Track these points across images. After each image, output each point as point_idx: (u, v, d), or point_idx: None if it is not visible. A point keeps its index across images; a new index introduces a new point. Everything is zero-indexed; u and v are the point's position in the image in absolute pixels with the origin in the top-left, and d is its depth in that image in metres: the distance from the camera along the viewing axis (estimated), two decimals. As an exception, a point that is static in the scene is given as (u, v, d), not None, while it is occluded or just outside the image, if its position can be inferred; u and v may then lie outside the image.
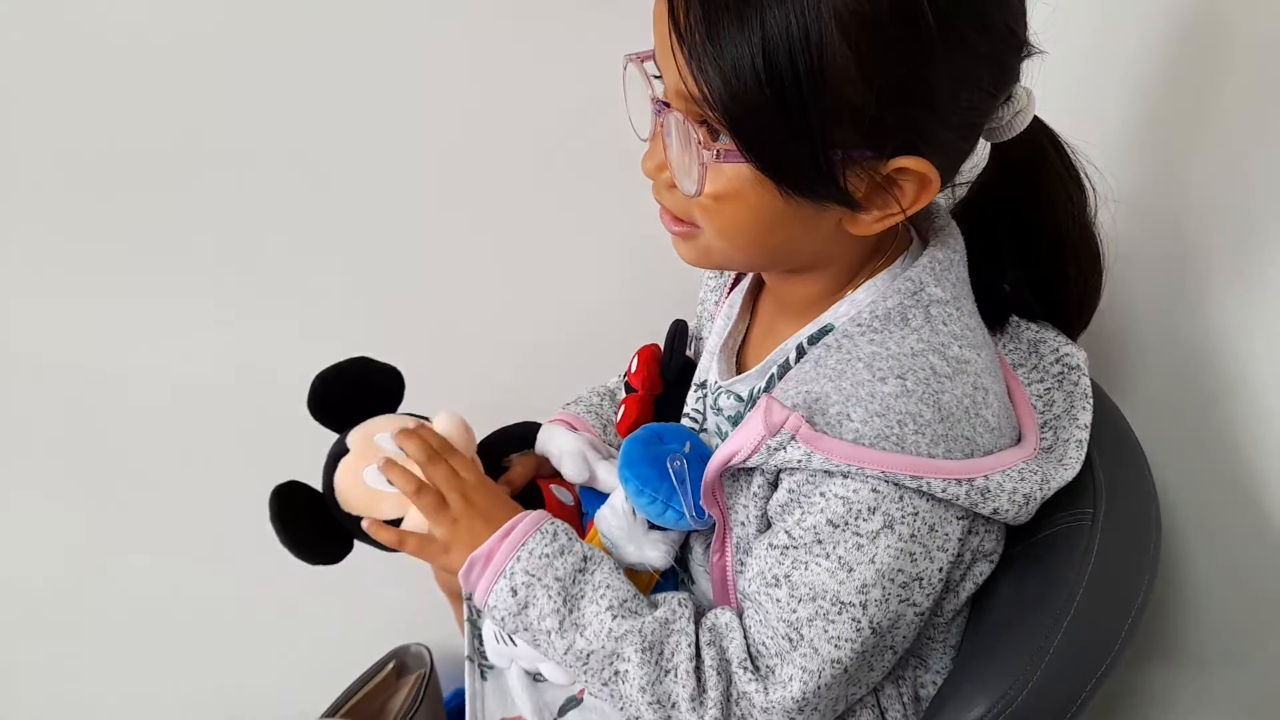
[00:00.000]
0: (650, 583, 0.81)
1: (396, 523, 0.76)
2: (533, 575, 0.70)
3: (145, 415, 1.23)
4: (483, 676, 0.88)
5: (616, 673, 0.68)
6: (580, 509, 0.88)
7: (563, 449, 0.85)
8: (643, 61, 0.66)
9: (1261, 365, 0.71)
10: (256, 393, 1.23)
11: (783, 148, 0.58)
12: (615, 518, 0.77)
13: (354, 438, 0.78)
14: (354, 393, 0.80)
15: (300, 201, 1.14)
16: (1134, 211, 0.79)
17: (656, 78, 0.65)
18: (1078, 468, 0.67)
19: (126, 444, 1.25)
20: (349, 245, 1.18)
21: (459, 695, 1.03)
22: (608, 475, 0.84)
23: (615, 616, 0.69)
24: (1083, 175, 0.72)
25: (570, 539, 0.73)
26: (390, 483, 0.75)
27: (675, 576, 0.85)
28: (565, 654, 0.69)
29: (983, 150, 0.70)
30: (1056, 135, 0.71)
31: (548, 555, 0.71)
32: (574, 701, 0.82)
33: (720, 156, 0.60)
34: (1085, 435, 0.69)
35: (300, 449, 0.77)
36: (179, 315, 1.19)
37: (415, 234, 1.18)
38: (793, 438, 0.62)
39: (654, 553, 0.77)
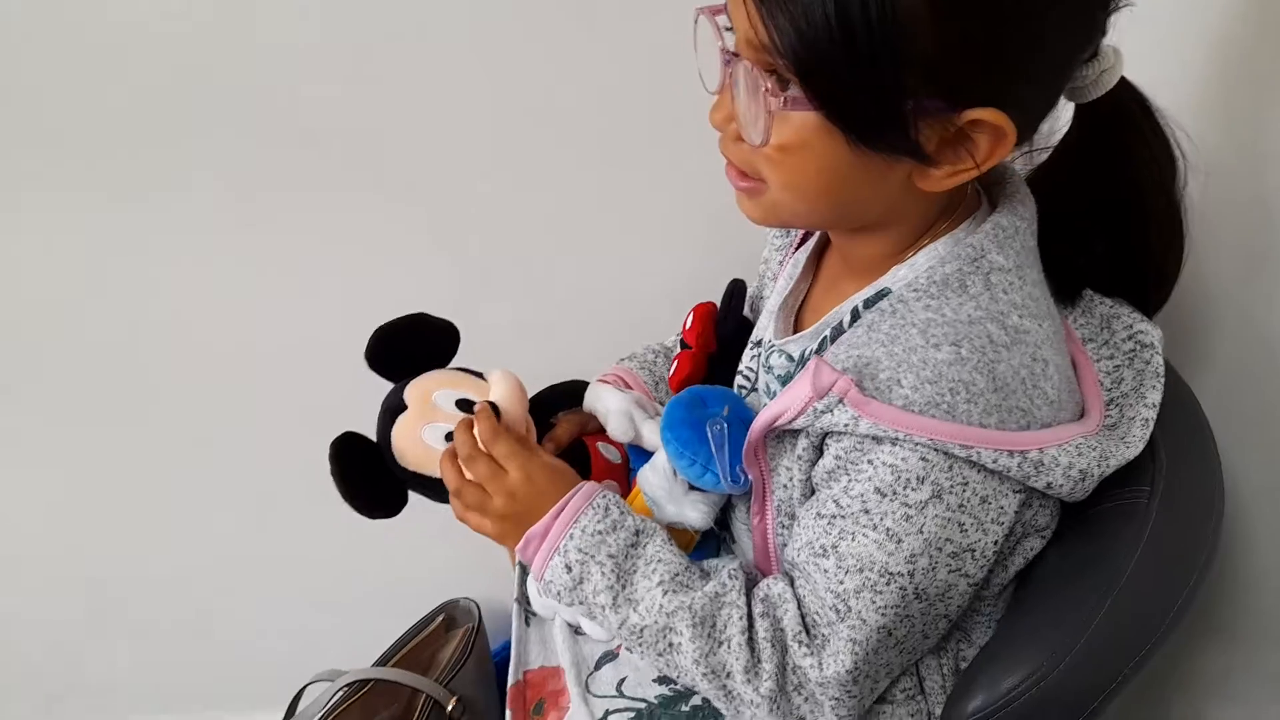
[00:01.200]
0: (691, 542, 0.82)
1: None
2: (586, 553, 0.72)
3: (199, 368, 1.27)
4: (526, 623, 0.90)
5: (670, 645, 0.70)
6: (628, 466, 0.89)
7: (609, 407, 0.86)
8: (714, 15, 0.66)
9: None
10: (309, 345, 1.25)
11: (852, 96, 0.58)
12: (657, 477, 0.79)
13: (411, 394, 0.80)
14: (410, 346, 0.82)
15: (349, 158, 1.16)
16: (1218, 183, 0.76)
17: (728, 29, 0.65)
18: (1140, 447, 0.66)
19: (181, 399, 1.29)
20: (403, 200, 1.19)
21: (506, 648, 1.05)
22: (652, 434, 0.85)
23: (666, 592, 0.70)
24: (1172, 143, 0.70)
25: (622, 513, 0.74)
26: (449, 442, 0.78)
27: (716, 536, 0.86)
28: (620, 628, 0.71)
29: (1065, 113, 0.68)
30: (1146, 98, 0.69)
31: (600, 532, 0.72)
32: (610, 656, 0.85)
33: (787, 104, 0.60)
34: (1152, 415, 0.68)
35: (351, 400, 0.79)
36: (236, 268, 1.22)
37: (470, 191, 1.19)
38: (840, 401, 0.62)
39: (694, 513, 0.78)
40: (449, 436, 0.79)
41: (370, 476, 0.80)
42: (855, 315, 0.71)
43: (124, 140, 1.14)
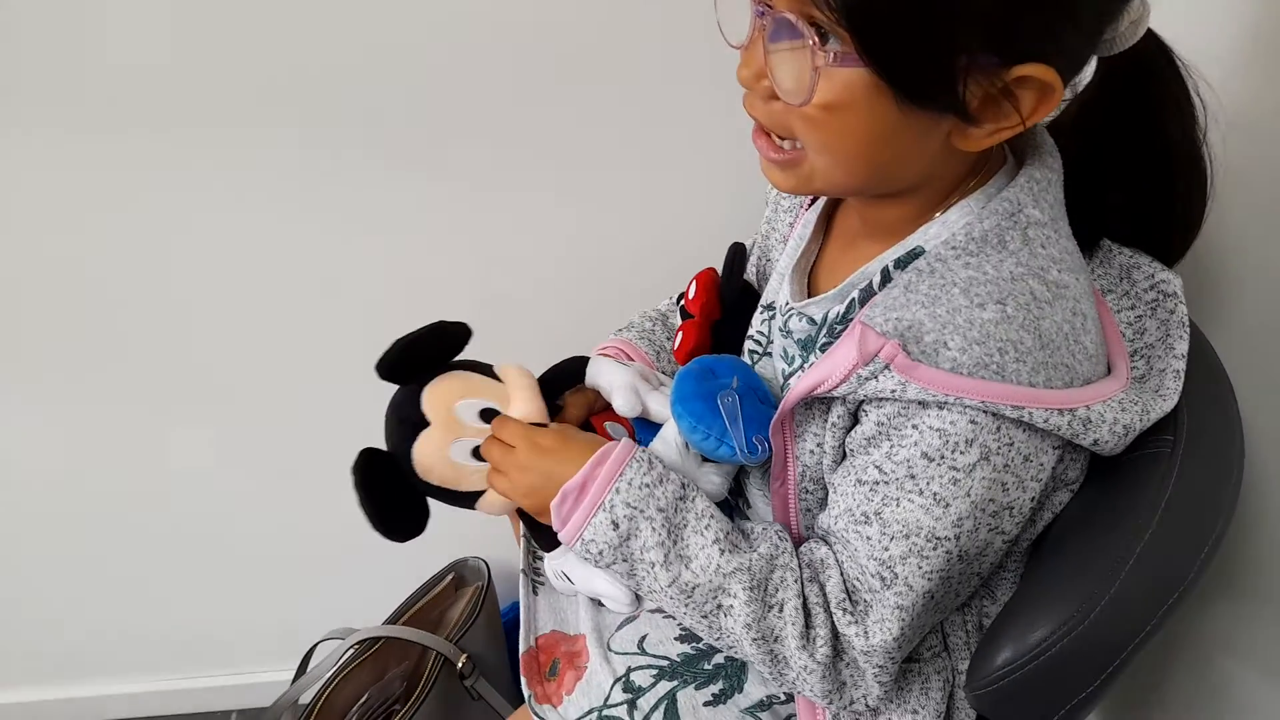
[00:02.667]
0: None
1: (480, 494, 0.79)
2: (634, 507, 0.70)
3: (215, 329, 1.26)
4: (534, 591, 0.90)
5: (719, 606, 0.69)
6: (634, 441, 0.87)
7: (613, 382, 0.84)
8: None
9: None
10: (319, 306, 1.25)
11: (905, 50, 0.56)
12: (667, 451, 0.78)
13: (431, 407, 0.77)
14: (424, 357, 0.79)
15: (365, 132, 1.15)
16: (1241, 134, 0.76)
17: None
18: (1175, 399, 0.67)
19: (190, 359, 1.28)
20: (410, 174, 1.18)
21: (515, 608, 1.06)
22: (660, 406, 0.84)
23: (723, 552, 0.69)
24: (1194, 94, 0.70)
25: (664, 466, 0.73)
26: (475, 458, 0.77)
27: (729, 506, 0.87)
28: (670, 585, 0.70)
29: (1089, 65, 0.67)
30: (1170, 49, 0.69)
31: (648, 485, 0.71)
32: (631, 619, 0.86)
33: (836, 60, 0.57)
34: (1182, 365, 0.69)
35: (364, 363, 0.77)
36: (264, 230, 1.21)
37: (465, 167, 1.18)
38: (887, 367, 0.61)
39: (708, 485, 0.78)
40: (475, 452, 0.78)
41: (396, 499, 0.78)
42: (885, 276, 0.70)
43: (129, 120, 1.12)
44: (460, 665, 1.22)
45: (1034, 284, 0.63)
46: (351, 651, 1.23)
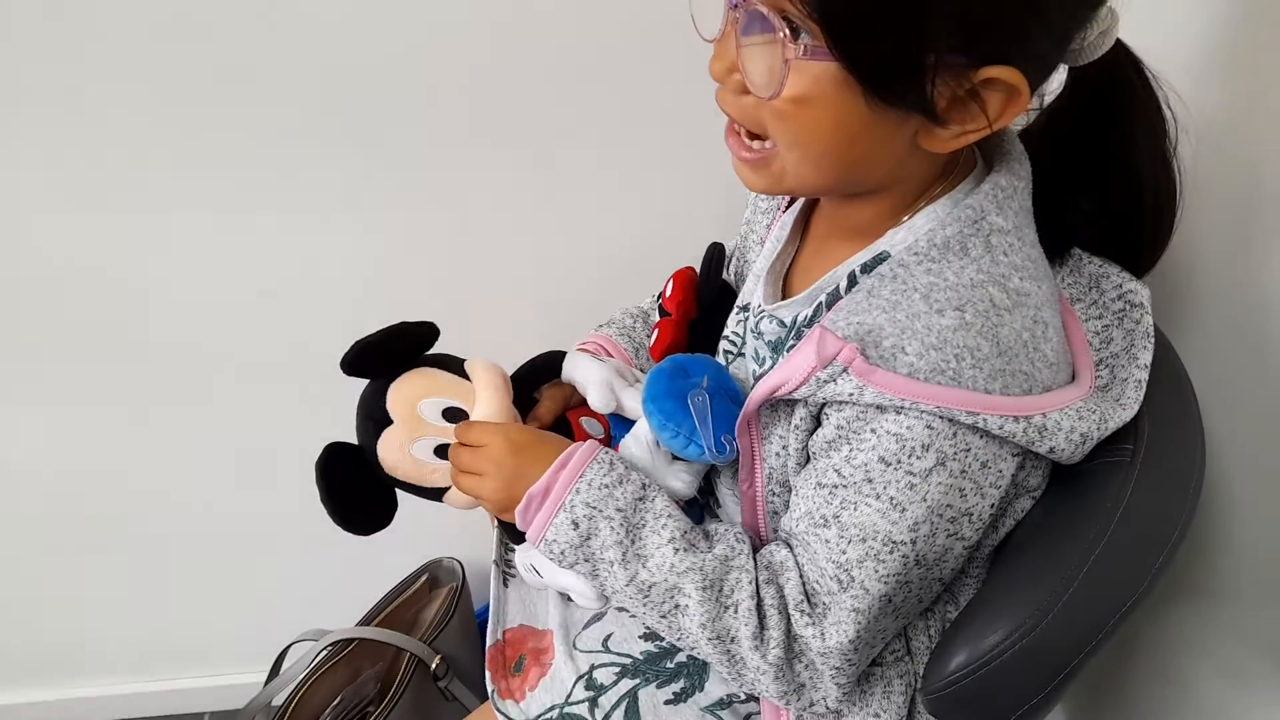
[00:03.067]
0: None
1: (445, 490, 0.80)
2: (594, 507, 0.71)
3: (184, 330, 1.26)
4: (505, 583, 0.91)
5: (677, 606, 0.70)
6: (610, 437, 0.88)
7: (588, 378, 0.85)
8: None
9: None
10: (296, 308, 1.25)
11: (875, 47, 0.56)
12: (639, 448, 0.79)
13: (395, 403, 0.78)
14: (390, 353, 0.80)
15: (342, 129, 1.16)
16: (1210, 146, 0.77)
17: None
18: (1135, 408, 0.68)
19: (165, 358, 1.28)
20: (378, 173, 1.19)
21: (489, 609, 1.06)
22: (635, 403, 0.84)
23: (677, 550, 0.70)
24: (1164, 105, 0.71)
25: (626, 467, 0.74)
26: (438, 456, 0.78)
27: (699, 504, 0.87)
28: (627, 585, 0.71)
29: (1058, 75, 0.68)
30: (1140, 60, 0.69)
31: (607, 485, 0.72)
32: (598, 616, 0.86)
33: (806, 53, 0.58)
34: (1145, 375, 0.69)
35: (335, 365, 0.77)
36: (230, 228, 1.21)
37: (442, 164, 1.19)
38: (845, 370, 0.62)
39: (677, 483, 0.79)
40: (439, 450, 0.78)
41: (359, 492, 0.79)
42: (852, 280, 0.71)
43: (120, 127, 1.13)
44: (434, 666, 1.22)
45: (994, 291, 0.63)
46: (325, 653, 1.23)
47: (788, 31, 0.58)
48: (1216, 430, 0.78)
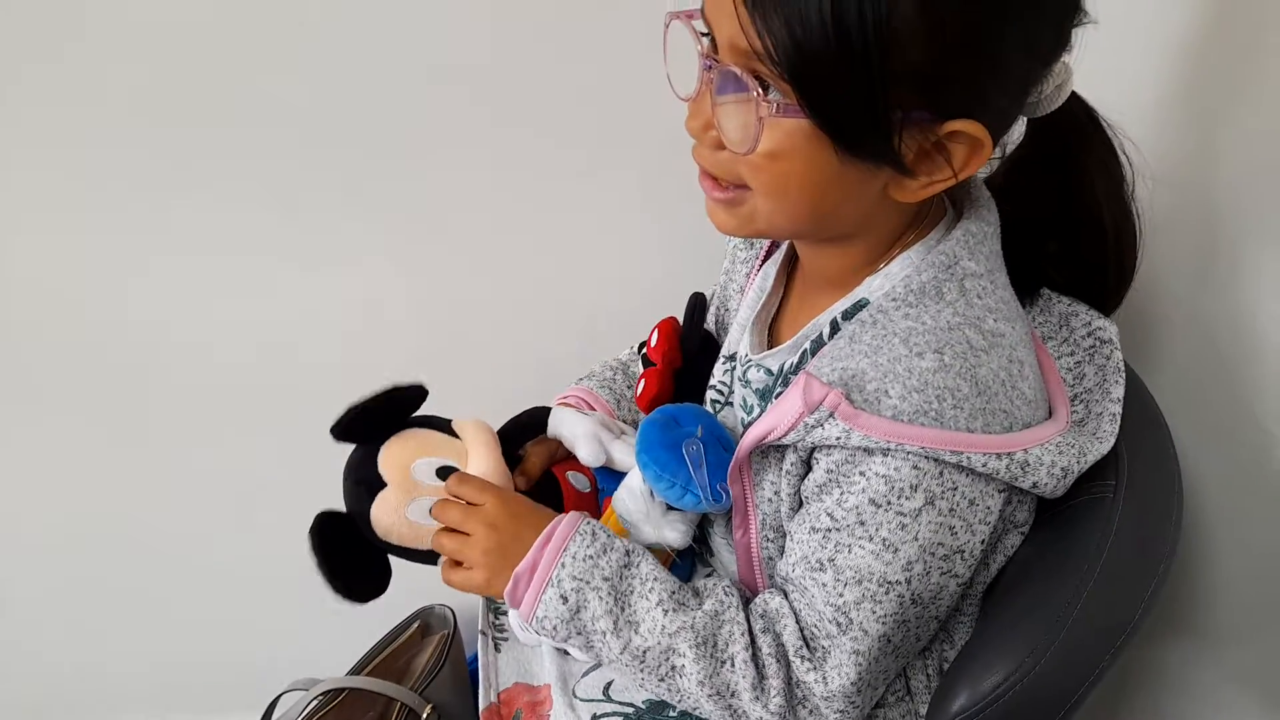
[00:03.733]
0: (667, 561, 0.83)
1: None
2: (580, 579, 0.71)
3: (178, 370, 1.27)
4: (496, 649, 0.91)
5: (673, 668, 0.70)
6: (597, 490, 0.89)
7: (575, 433, 0.86)
8: (690, 19, 0.66)
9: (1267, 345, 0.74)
10: (288, 348, 1.26)
11: (844, 104, 0.59)
12: (633, 499, 0.79)
13: (387, 467, 0.78)
14: (380, 417, 0.80)
15: (326, 175, 1.17)
16: (1167, 188, 0.81)
17: (703, 34, 0.66)
18: (1112, 441, 0.70)
19: (156, 401, 1.28)
20: (368, 221, 1.20)
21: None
22: (623, 455, 0.85)
23: (666, 612, 0.71)
24: (1120, 153, 0.74)
25: (609, 535, 0.75)
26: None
27: (692, 553, 0.88)
28: (621, 653, 0.71)
29: (1019, 125, 0.71)
30: (1094, 110, 0.73)
31: (591, 556, 0.72)
32: (596, 665, 0.85)
33: (779, 111, 0.61)
34: (1119, 409, 0.72)
35: (326, 408, 0.78)
36: (220, 272, 1.22)
37: (423, 216, 1.21)
38: (831, 415, 0.64)
39: (672, 533, 0.79)
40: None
41: (354, 560, 0.78)
42: (835, 327, 0.73)
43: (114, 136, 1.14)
44: (425, 716, 1.21)
45: (970, 333, 0.66)
46: (316, 702, 1.22)
47: (760, 90, 0.61)
48: (1191, 464, 0.80)
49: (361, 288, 1.23)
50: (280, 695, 1.24)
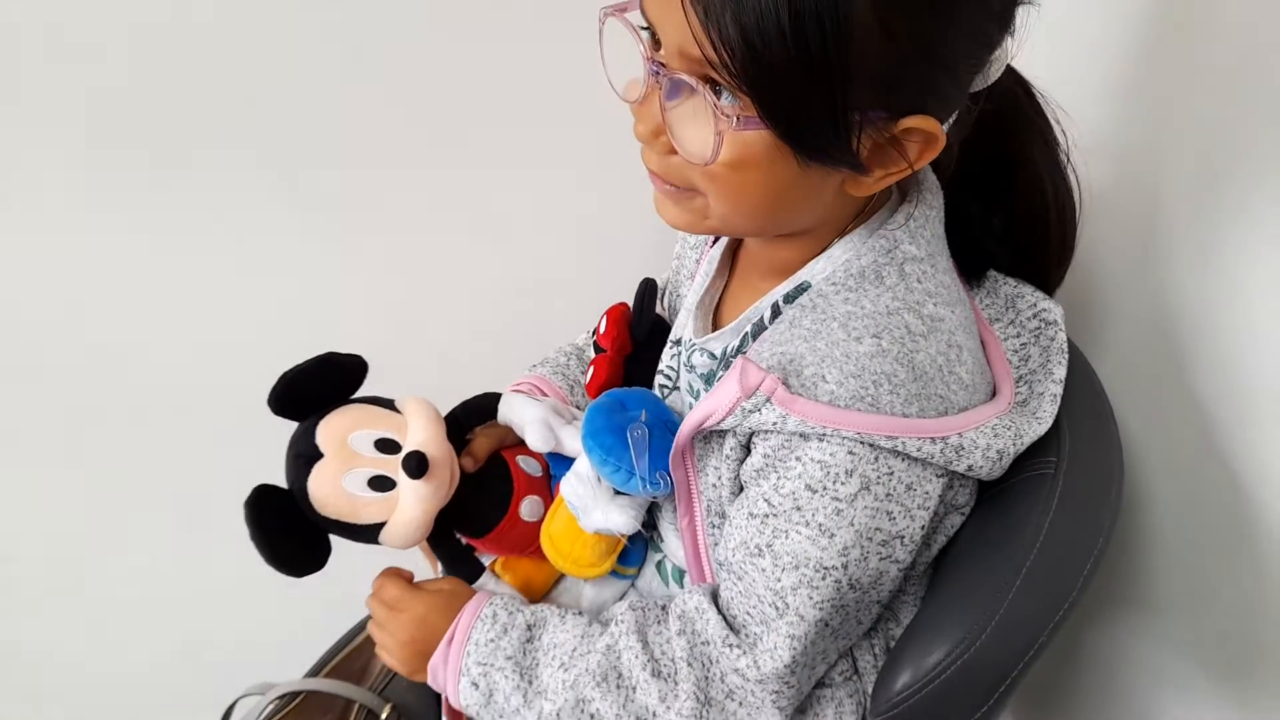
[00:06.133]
0: (619, 545, 0.85)
1: (380, 527, 0.79)
2: (485, 664, 0.75)
3: (133, 375, 1.27)
4: None
5: (593, 716, 0.72)
6: (549, 476, 0.90)
7: (525, 418, 0.86)
8: (622, 13, 0.65)
9: (1225, 317, 0.75)
10: (236, 353, 1.25)
11: (803, 111, 0.58)
12: (580, 484, 0.80)
13: (325, 438, 0.78)
14: (317, 387, 0.80)
15: (273, 180, 1.18)
16: (1107, 163, 0.83)
17: (643, 28, 0.65)
18: (1050, 422, 0.71)
19: (110, 405, 1.27)
20: (318, 221, 1.20)
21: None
22: (573, 440, 0.86)
23: (565, 668, 0.73)
24: (1053, 121, 0.76)
25: (511, 614, 0.77)
26: (372, 489, 0.78)
27: (644, 538, 0.89)
28: None
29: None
30: (1028, 81, 0.75)
31: (493, 639, 0.75)
32: None
33: (740, 124, 0.60)
34: (1059, 390, 0.73)
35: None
36: (173, 284, 1.22)
37: (375, 205, 1.21)
38: (768, 400, 0.64)
39: (621, 517, 0.80)
40: (373, 482, 0.78)
41: (291, 534, 0.78)
42: (776, 311, 0.74)
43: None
44: (384, 716, 1.22)
45: (909, 318, 0.67)
46: (272, 707, 1.21)
47: (716, 101, 0.60)
48: (1134, 440, 0.83)
49: (322, 293, 1.24)
50: (236, 701, 1.24)
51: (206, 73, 1.11)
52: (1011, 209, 0.79)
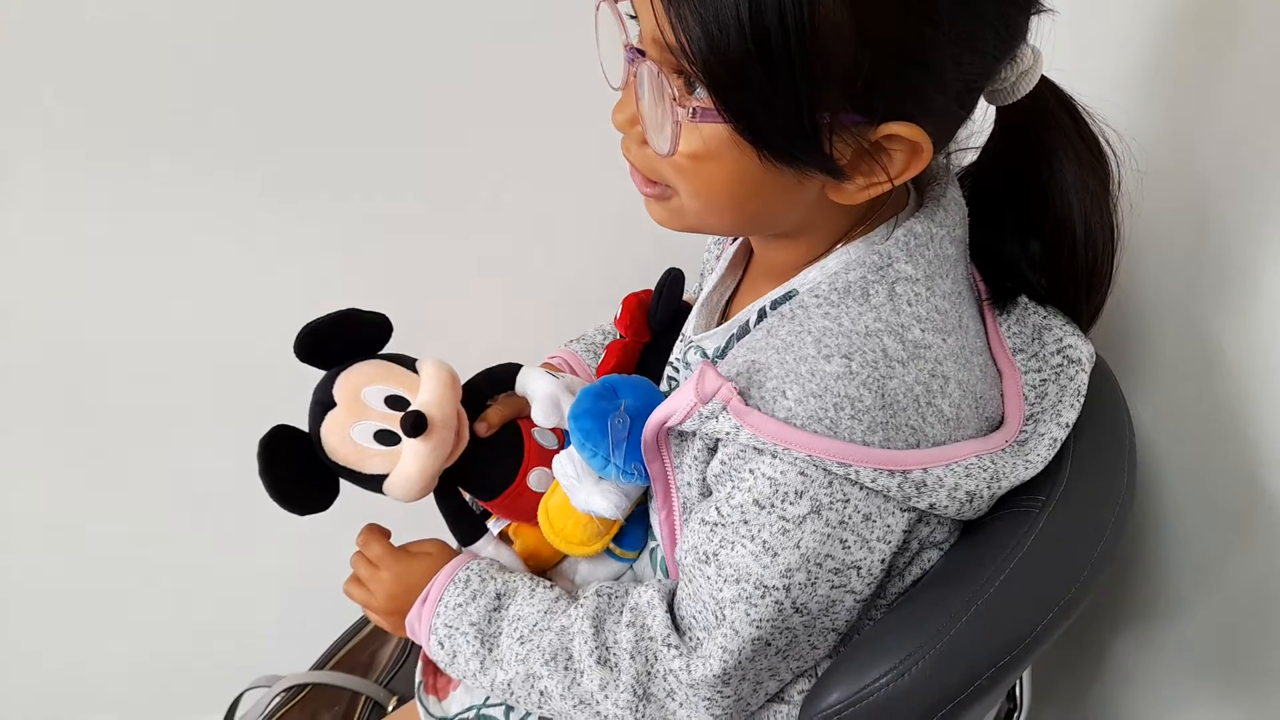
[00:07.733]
0: (612, 528, 0.85)
1: (383, 478, 0.84)
2: (451, 626, 0.79)
3: (133, 369, 1.31)
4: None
5: (541, 692, 0.75)
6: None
7: (534, 392, 0.87)
8: (616, 1, 0.64)
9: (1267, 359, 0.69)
10: (238, 347, 1.29)
11: (764, 109, 0.57)
12: (570, 464, 0.81)
13: (340, 389, 0.83)
14: (341, 339, 0.85)
15: (285, 154, 1.22)
16: (1154, 183, 0.77)
17: (631, 17, 0.64)
18: (1040, 468, 0.68)
19: (114, 399, 1.32)
20: (341, 198, 1.24)
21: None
22: None
23: (522, 642, 0.76)
24: (1102, 141, 0.70)
25: (484, 580, 0.80)
26: (378, 441, 0.82)
27: (644, 525, 0.88)
28: (492, 689, 0.77)
29: (986, 114, 0.69)
30: (1069, 97, 0.70)
31: (460, 604, 0.79)
32: None
33: (696, 115, 0.60)
34: (1063, 435, 0.69)
35: (281, 403, 0.84)
36: (161, 271, 1.27)
37: (406, 184, 1.24)
38: (724, 408, 0.63)
39: (602, 501, 0.80)
40: (379, 435, 0.82)
41: (299, 474, 0.83)
42: (762, 315, 0.73)
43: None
44: (391, 708, 1.22)
45: (889, 342, 0.64)
46: (279, 699, 1.24)
47: (678, 90, 0.60)
48: (1161, 469, 0.78)
49: (321, 293, 1.25)
50: (242, 693, 1.27)
51: (207, 72, 1.14)
52: (1040, 234, 0.74)
